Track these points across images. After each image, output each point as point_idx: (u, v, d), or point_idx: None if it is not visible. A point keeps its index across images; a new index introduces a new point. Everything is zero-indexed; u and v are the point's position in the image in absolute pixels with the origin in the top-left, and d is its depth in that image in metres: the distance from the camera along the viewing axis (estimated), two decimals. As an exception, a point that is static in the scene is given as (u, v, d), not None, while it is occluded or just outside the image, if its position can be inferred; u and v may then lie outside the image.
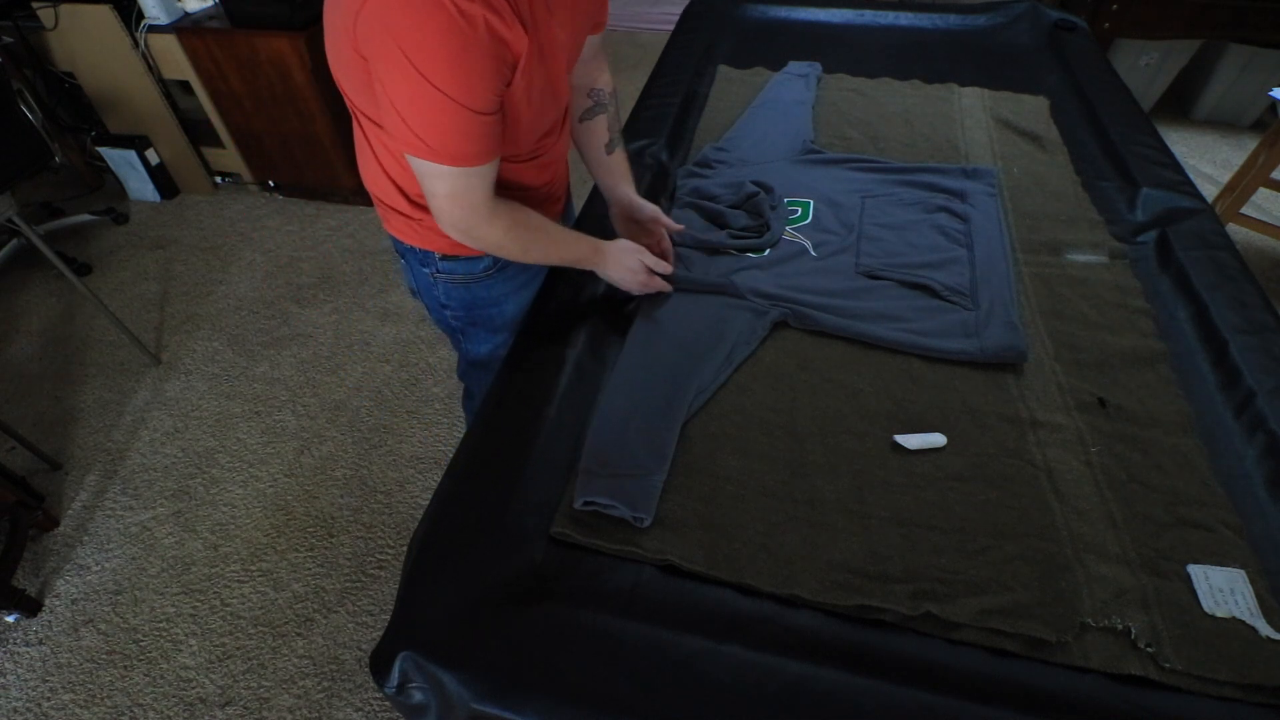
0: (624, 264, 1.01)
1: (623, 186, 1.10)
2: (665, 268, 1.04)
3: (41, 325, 2.19)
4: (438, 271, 1.00)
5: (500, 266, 1.01)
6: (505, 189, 0.90)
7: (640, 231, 1.12)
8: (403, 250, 1.01)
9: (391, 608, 0.74)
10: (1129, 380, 0.98)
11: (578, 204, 1.27)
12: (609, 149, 1.07)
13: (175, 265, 2.41)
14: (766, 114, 1.56)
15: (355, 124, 0.87)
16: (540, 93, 0.80)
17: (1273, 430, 0.88)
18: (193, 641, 1.45)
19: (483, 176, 0.78)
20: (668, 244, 1.12)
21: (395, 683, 0.68)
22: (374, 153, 0.88)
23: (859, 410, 0.95)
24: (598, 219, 1.19)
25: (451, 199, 0.79)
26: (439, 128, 0.71)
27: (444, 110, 0.69)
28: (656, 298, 1.10)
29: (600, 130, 1.05)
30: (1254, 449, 0.89)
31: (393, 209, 0.93)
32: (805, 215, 1.27)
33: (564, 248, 0.97)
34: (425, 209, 0.89)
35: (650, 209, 1.10)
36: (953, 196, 1.30)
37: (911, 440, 0.90)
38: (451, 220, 0.82)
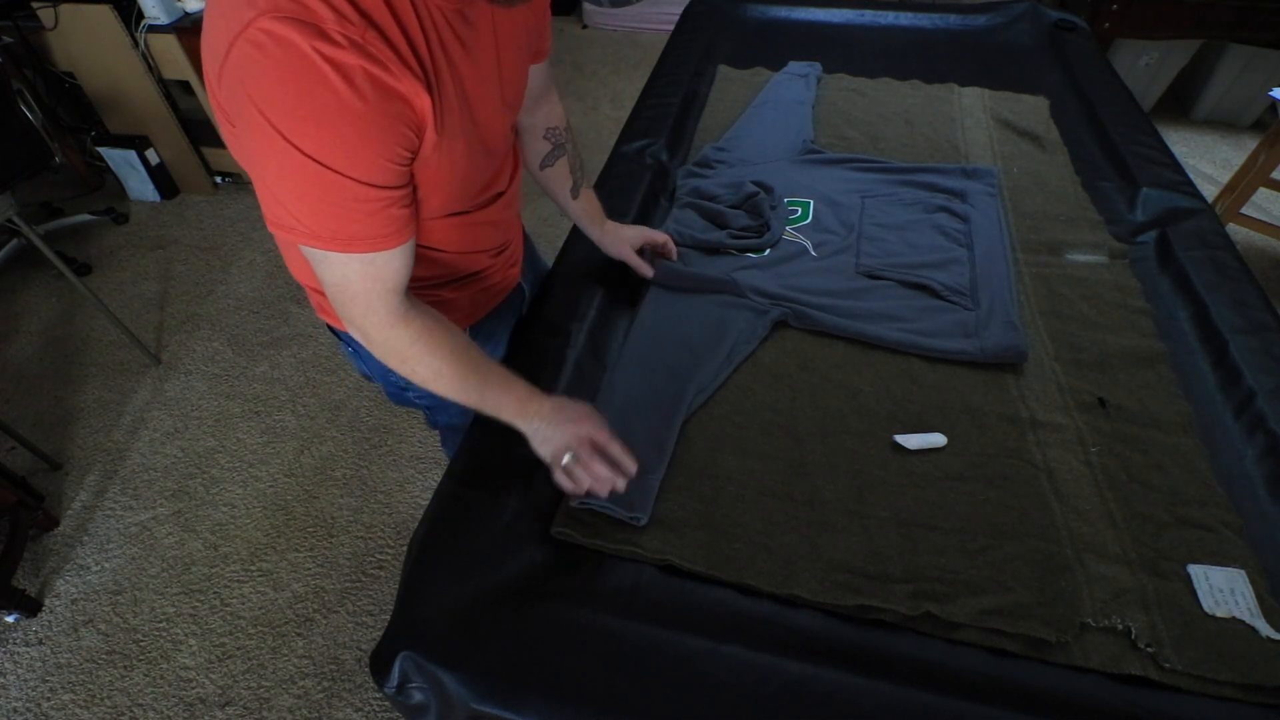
0: (558, 437, 0.76)
1: (596, 227, 1.08)
2: (628, 464, 0.77)
3: (41, 325, 2.19)
4: None
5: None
6: (449, 254, 0.80)
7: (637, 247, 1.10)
8: (345, 336, 0.87)
9: (391, 608, 0.74)
10: (1129, 380, 0.98)
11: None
12: (574, 193, 1.02)
13: (175, 265, 2.41)
14: (766, 114, 1.56)
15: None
16: (467, 146, 0.67)
17: (1273, 430, 0.88)
18: (193, 641, 1.45)
19: (380, 266, 0.63)
20: (671, 248, 1.10)
21: (395, 683, 0.68)
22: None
23: (859, 410, 0.95)
24: (578, 262, 1.16)
25: (341, 290, 0.64)
26: (315, 204, 0.57)
27: (319, 181, 0.55)
28: (657, 297, 1.10)
29: (562, 175, 0.99)
30: (1254, 449, 0.89)
31: (322, 294, 0.75)
32: (805, 215, 1.27)
33: (488, 387, 0.75)
34: None
35: (632, 232, 1.09)
36: (953, 196, 1.30)
37: (911, 440, 0.90)
38: (347, 316, 0.67)
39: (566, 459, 0.75)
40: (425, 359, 0.70)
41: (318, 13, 0.49)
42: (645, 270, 1.10)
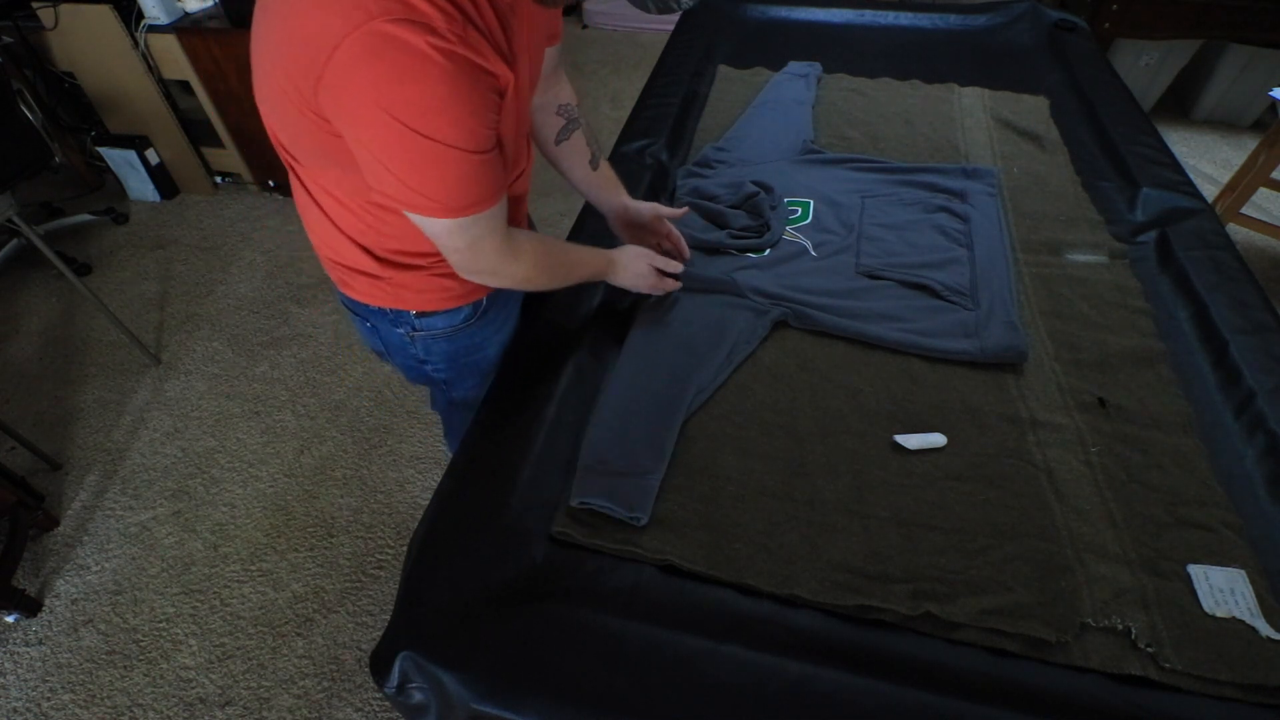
0: (633, 270, 1.00)
1: (616, 197, 1.07)
2: (675, 266, 1.04)
3: (41, 325, 2.19)
4: (415, 330, 0.92)
5: (482, 311, 0.95)
6: None
7: (645, 233, 1.09)
8: (366, 313, 0.92)
9: (391, 608, 0.74)
10: (1129, 380, 0.98)
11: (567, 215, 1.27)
12: (593, 164, 1.04)
13: (175, 265, 2.41)
14: (766, 114, 1.56)
15: (293, 178, 0.80)
16: (515, 122, 0.76)
17: (1273, 430, 0.88)
18: (193, 641, 1.45)
19: (497, 217, 0.74)
20: (676, 235, 1.09)
21: (395, 683, 0.68)
22: (325, 213, 0.80)
23: (859, 410, 0.95)
24: (589, 237, 1.18)
25: (473, 249, 0.75)
26: (445, 182, 0.65)
27: (447, 162, 0.63)
28: (657, 297, 1.10)
29: (581, 147, 1.02)
30: (1254, 449, 0.89)
31: (356, 271, 0.85)
32: (805, 215, 1.27)
33: (585, 266, 0.95)
34: (396, 265, 0.83)
35: (648, 209, 1.07)
36: (953, 196, 1.30)
37: (911, 440, 0.90)
38: (477, 267, 0.78)
39: (645, 269, 1.00)
40: (543, 274, 0.86)
41: (426, 13, 0.55)
42: (676, 212, 1.09)
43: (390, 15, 0.54)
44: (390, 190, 0.66)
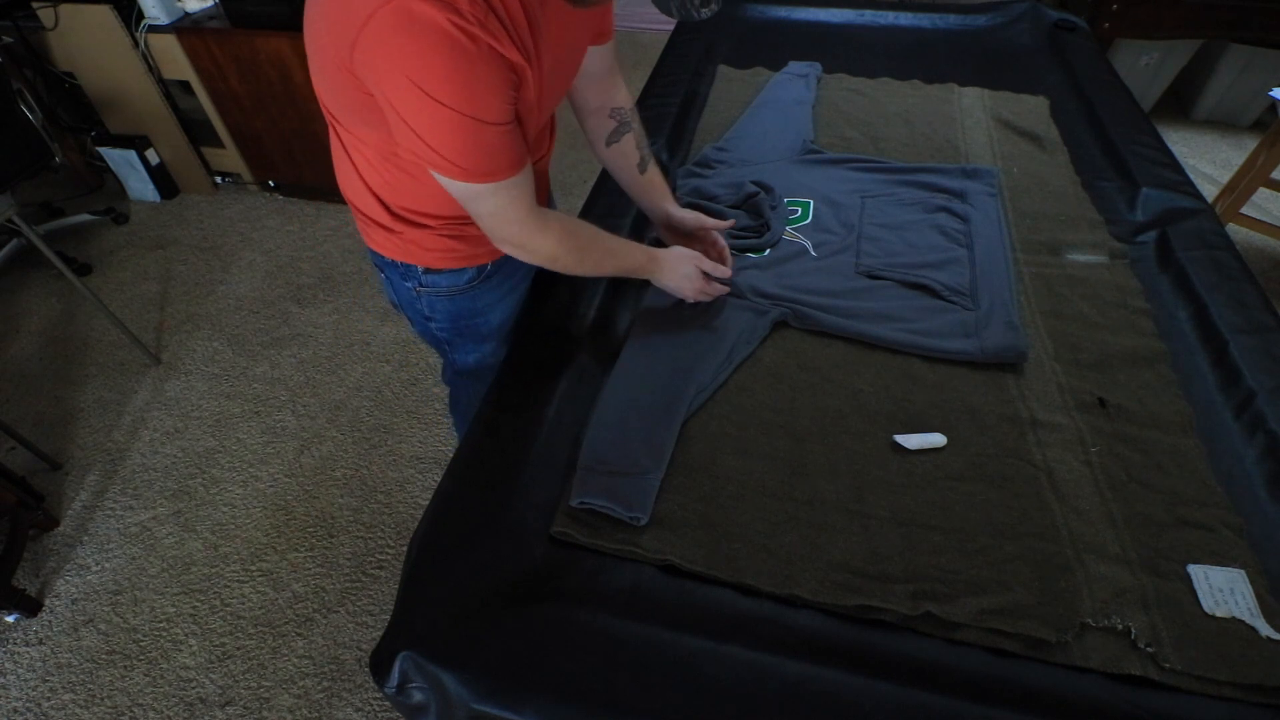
0: (679, 271, 1.00)
1: (663, 204, 1.09)
2: (724, 272, 1.03)
3: (41, 325, 2.19)
4: (421, 285, 0.98)
5: (485, 276, 0.99)
6: None
7: (691, 242, 1.09)
8: (383, 264, 0.99)
9: (391, 608, 0.74)
10: (1129, 380, 0.98)
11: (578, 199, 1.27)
12: (641, 168, 1.06)
13: (175, 265, 2.41)
14: (766, 114, 1.56)
15: (333, 133, 0.86)
16: (537, 111, 0.80)
17: (1273, 430, 0.88)
18: (193, 641, 1.45)
19: (520, 187, 0.78)
20: (722, 245, 1.09)
21: (395, 683, 0.68)
22: (353, 164, 0.86)
23: (859, 410, 0.95)
24: (595, 219, 1.18)
25: (496, 216, 0.79)
26: (464, 148, 0.70)
27: (464, 130, 0.68)
28: (657, 298, 1.10)
29: (630, 150, 1.04)
30: (1254, 449, 0.89)
31: (373, 221, 0.92)
32: (805, 215, 1.27)
33: (620, 257, 0.96)
34: (407, 222, 0.89)
35: (692, 219, 1.08)
36: (953, 196, 1.30)
37: (911, 440, 0.90)
38: (503, 236, 0.82)
39: (692, 272, 1.00)
40: (571, 254, 0.88)
41: None
42: (723, 223, 1.10)
43: None
44: (416, 150, 0.71)
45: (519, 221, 0.80)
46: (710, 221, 1.09)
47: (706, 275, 1.01)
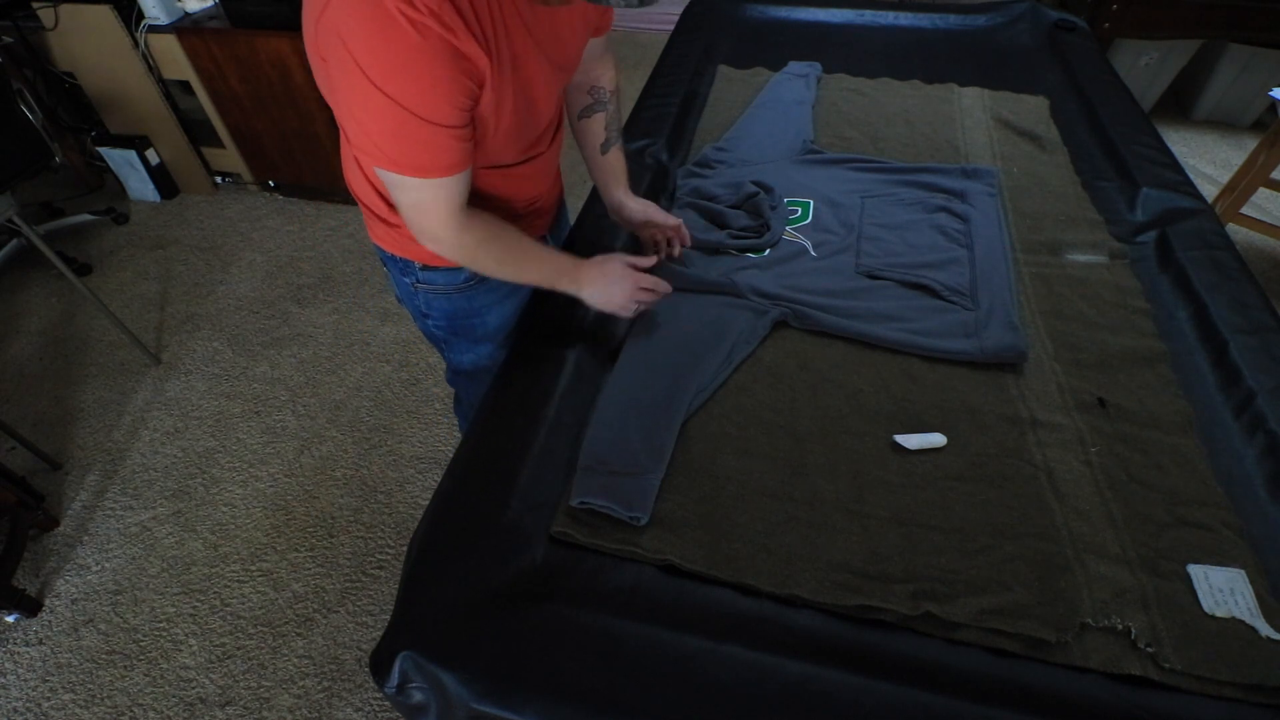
0: (606, 276, 0.94)
1: (614, 189, 1.08)
2: (663, 288, 0.97)
3: (41, 325, 2.19)
4: (418, 281, 0.98)
5: (482, 278, 0.99)
6: (486, 201, 0.89)
7: (645, 227, 1.10)
8: (385, 258, 1.00)
9: (391, 608, 0.74)
10: (1129, 380, 0.98)
11: (577, 204, 1.27)
12: (604, 149, 1.05)
13: (175, 265, 2.41)
14: (766, 114, 1.56)
15: (342, 129, 0.86)
16: (514, 106, 0.78)
17: (1273, 430, 0.88)
18: (193, 641, 1.45)
19: (450, 188, 0.76)
20: (677, 224, 1.09)
21: (395, 683, 0.68)
22: (355, 156, 0.86)
23: (859, 410, 0.95)
24: (595, 219, 1.19)
25: (417, 209, 0.78)
26: (395, 138, 0.69)
27: (397, 120, 0.67)
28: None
29: (597, 129, 1.04)
30: (1254, 449, 0.89)
31: (375, 215, 0.92)
32: (805, 215, 1.27)
33: (540, 265, 0.92)
34: None
35: (639, 212, 1.08)
36: (952, 196, 1.30)
37: (911, 440, 0.90)
38: (419, 229, 0.81)
39: (635, 309, 0.95)
40: (490, 255, 0.86)
41: None
42: (670, 221, 1.09)
43: None
44: (351, 132, 0.71)
45: (439, 218, 0.79)
46: (659, 216, 1.08)
47: (637, 286, 0.94)
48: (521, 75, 0.75)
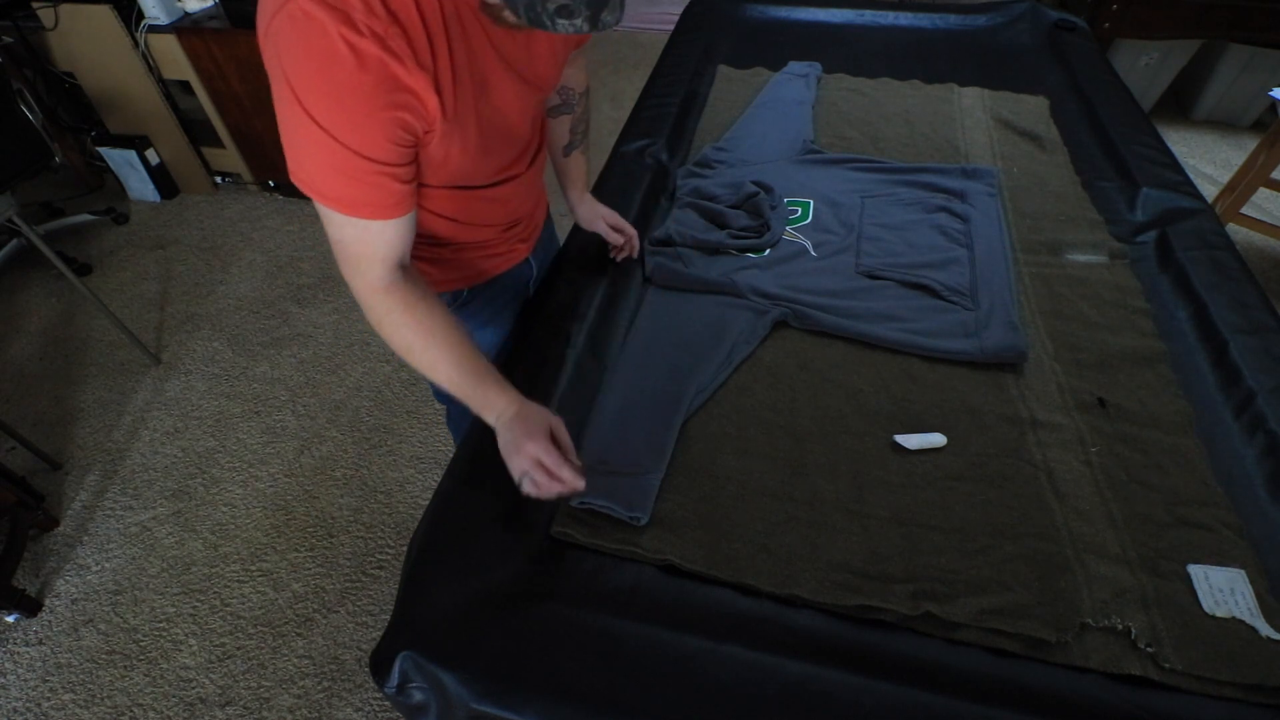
0: (508, 440, 0.75)
1: (569, 191, 1.08)
2: (567, 487, 0.73)
3: (41, 325, 2.19)
4: None
5: (462, 303, 0.94)
6: (463, 225, 0.85)
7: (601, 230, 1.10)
8: None
9: (391, 608, 0.74)
10: (1129, 380, 0.98)
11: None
12: (566, 151, 1.03)
13: (175, 265, 2.41)
14: (766, 114, 1.56)
15: None
16: (480, 130, 0.71)
17: (1273, 430, 0.88)
18: (193, 641, 1.45)
19: (376, 234, 0.67)
20: (631, 233, 1.10)
21: (395, 683, 0.68)
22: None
23: (859, 410, 0.95)
24: (582, 244, 1.17)
25: (340, 247, 0.69)
26: (321, 166, 0.63)
27: (327, 150, 0.61)
28: (657, 298, 1.10)
29: (561, 130, 1.01)
30: (1254, 449, 0.89)
31: None
32: (805, 215, 1.27)
33: (461, 373, 0.75)
34: None
35: (586, 219, 1.08)
36: (952, 196, 1.30)
37: (911, 440, 0.90)
38: (342, 271, 0.71)
39: (525, 484, 0.74)
40: (401, 330, 0.73)
41: (350, 2, 0.55)
42: (615, 239, 1.10)
43: None
44: (285, 151, 0.65)
45: (355, 268, 0.69)
46: (603, 227, 1.08)
47: (547, 470, 0.73)
48: (491, 98, 0.70)
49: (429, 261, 0.87)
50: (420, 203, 0.76)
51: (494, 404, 0.76)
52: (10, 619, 1.48)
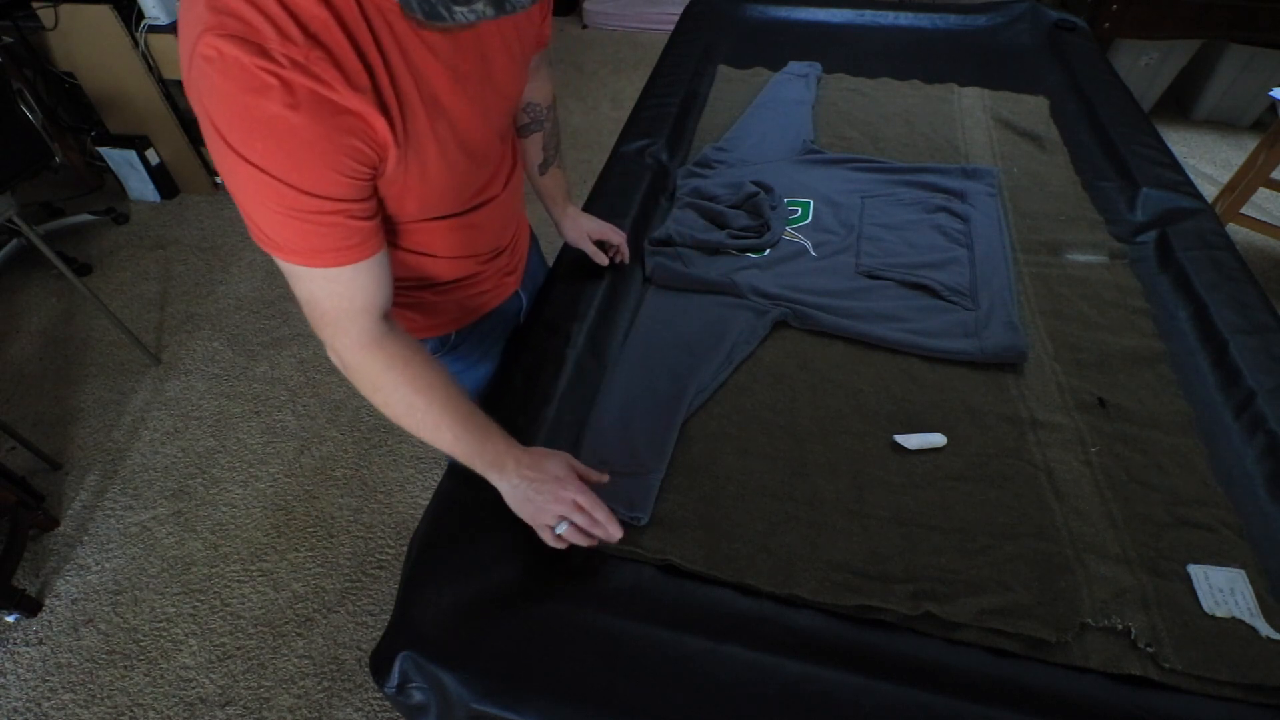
0: (526, 487, 0.71)
1: (553, 209, 1.06)
2: (611, 530, 0.71)
3: (41, 325, 2.19)
4: None
5: (451, 347, 0.90)
6: (440, 258, 0.79)
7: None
8: None
9: (391, 608, 0.74)
10: (1129, 380, 0.98)
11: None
12: (542, 169, 1.00)
13: (175, 265, 2.41)
14: (766, 114, 1.56)
15: None
16: (440, 151, 0.64)
17: (1273, 430, 0.88)
18: (193, 641, 1.45)
19: (348, 283, 0.61)
20: (620, 239, 1.08)
21: (395, 683, 0.68)
22: None
23: (859, 410, 0.95)
24: (571, 264, 1.14)
25: (312, 307, 0.63)
26: (270, 214, 0.56)
27: (270, 193, 0.54)
28: (656, 298, 1.10)
29: (534, 150, 0.97)
30: (1254, 449, 0.89)
31: None
32: (805, 215, 1.27)
33: (464, 430, 0.70)
34: None
35: (573, 237, 1.07)
36: (952, 196, 1.30)
37: (911, 440, 0.90)
38: (320, 336, 0.65)
39: (562, 529, 0.70)
40: (398, 390, 0.66)
41: (261, 32, 0.49)
42: (600, 259, 1.08)
43: (222, 29, 0.49)
44: (237, 206, 0.58)
45: (336, 326, 0.63)
46: (590, 246, 1.06)
47: (583, 512, 0.71)
48: (447, 115, 0.63)
49: (412, 307, 0.82)
50: (394, 241, 0.71)
51: (502, 458, 0.71)
52: (10, 619, 1.48)
